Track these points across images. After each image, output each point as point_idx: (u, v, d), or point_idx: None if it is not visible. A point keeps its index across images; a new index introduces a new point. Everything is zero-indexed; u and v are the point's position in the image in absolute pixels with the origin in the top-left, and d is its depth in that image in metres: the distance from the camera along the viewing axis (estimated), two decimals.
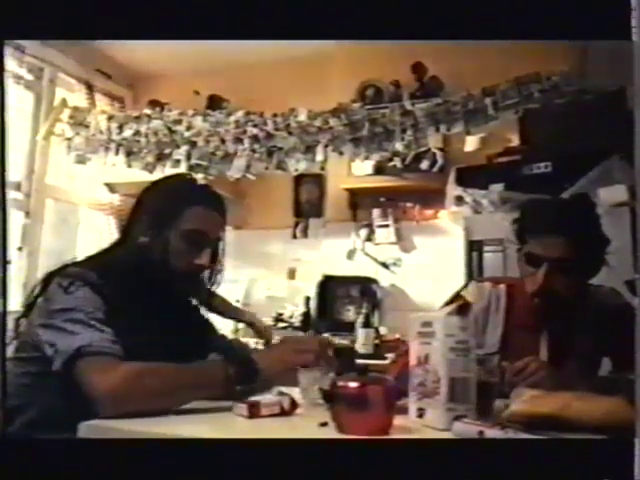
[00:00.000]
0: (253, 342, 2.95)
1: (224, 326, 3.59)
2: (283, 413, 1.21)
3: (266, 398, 1.22)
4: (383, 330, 3.38)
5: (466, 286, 1.81)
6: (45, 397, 1.25)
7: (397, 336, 3.22)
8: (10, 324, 1.27)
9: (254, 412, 1.18)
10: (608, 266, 1.56)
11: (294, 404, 1.23)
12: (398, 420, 1.11)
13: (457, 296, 1.78)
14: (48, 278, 1.34)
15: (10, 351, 1.30)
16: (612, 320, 1.55)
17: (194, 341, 1.44)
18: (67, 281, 1.29)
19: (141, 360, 1.20)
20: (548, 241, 1.51)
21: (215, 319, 1.78)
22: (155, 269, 1.40)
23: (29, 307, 1.34)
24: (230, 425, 1.16)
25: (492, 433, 0.98)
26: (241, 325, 3.84)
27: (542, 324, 1.62)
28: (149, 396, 1.16)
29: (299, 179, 4.00)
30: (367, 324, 3.20)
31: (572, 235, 1.49)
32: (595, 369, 1.62)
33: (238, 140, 3.50)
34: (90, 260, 1.45)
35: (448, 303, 1.77)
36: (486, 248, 3.05)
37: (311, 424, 1.13)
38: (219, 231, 1.51)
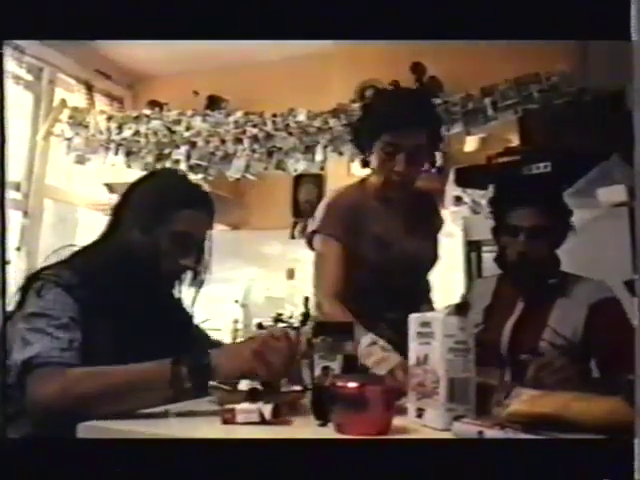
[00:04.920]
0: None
1: (222, 325, 3.61)
2: (263, 422, 1.13)
3: (244, 405, 1.16)
4: None
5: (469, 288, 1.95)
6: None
7: None
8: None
9: (228, 419, 1.13)
10: (574, 232, 1.74)
11: (277, 412, 1.15)
12: (397, 420, 1.11)
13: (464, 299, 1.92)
14: (27, 281, 1.34)
15: None
16: (592, 314, 1.65)
17: (174, 339, 1.43)
18: (40, 283, 1.30)
19: (116, 359, 1.20)
20: (523, 212, 1.69)
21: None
22: (142, 266, 1.39)
23: (13, 312, 1.33)
24: (229, 425, 1.16)
25: (492, 433, 0.98)
26: (240, 325, 3.86)
27: (518, 293, 1.76)
28: (91, 401, 1.14)
29: (298, 179, 4.00)
30: None
31: (542, 204, 1.69)
32: (585, 366, 1.69)
33: (237, 140, 3.51)
34: (69, 260, 1.44)
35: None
36: (485, 248, 3.05)
37: (310, 424, 1.13)
38: (206, 232, 1.51)
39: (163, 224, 1.41)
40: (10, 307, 1.29)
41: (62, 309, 1.26)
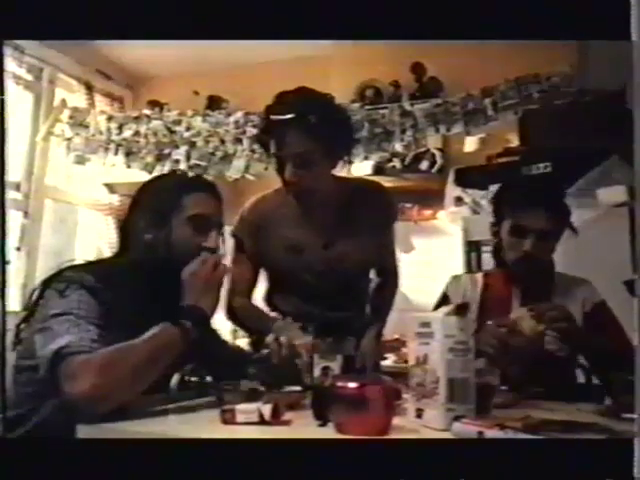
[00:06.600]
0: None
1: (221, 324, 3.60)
2: (263, 422, 1.12)
3: (244, 405, 1.16)
4: None
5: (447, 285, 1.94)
6: (48, 406, 1.23)
7: (396, 336, 3.21)
8: (11, 328, 1.27)
9: (228, 418, 1.13)
10: (575, 233, 1.78)
11: (277, 413, 1.14)
12: (397, 420, 1.11)
13: (444, 296, 1.91)
14: (45, 283, 1.33)
15: (12, 359, 1.30)
16: (590, 317, 1.72)
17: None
18: (63, 285, 1.29)
19: None
20: (534, 213, 1.70)
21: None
22: (162, 263, 1.39)
23: (29, 313, 1.32)
24: (229, 425, 1.16)
25: (491, 433, 0.98)
26: None
27: (516, 292, 1.78)
28: (127, 377, 1.15)
29: None
30: None
31: (552, 207, 1.72)
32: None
33: (237, 140, 3.51)
34: (89, 264, 1.45)
35: (438, 305, 1.87)
36: (484, 248, 3.05)
37: (310, 424, 1.13)
38: (220, 215, 1.51)
39: (176, 213, 1.42)
40: (13, 307, 1.28)
41: (87, 309, 1.26)
